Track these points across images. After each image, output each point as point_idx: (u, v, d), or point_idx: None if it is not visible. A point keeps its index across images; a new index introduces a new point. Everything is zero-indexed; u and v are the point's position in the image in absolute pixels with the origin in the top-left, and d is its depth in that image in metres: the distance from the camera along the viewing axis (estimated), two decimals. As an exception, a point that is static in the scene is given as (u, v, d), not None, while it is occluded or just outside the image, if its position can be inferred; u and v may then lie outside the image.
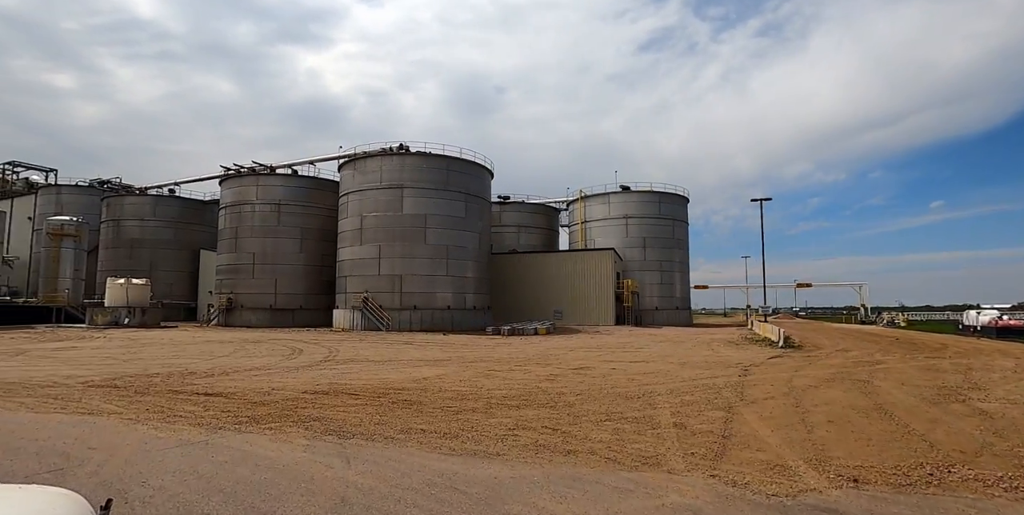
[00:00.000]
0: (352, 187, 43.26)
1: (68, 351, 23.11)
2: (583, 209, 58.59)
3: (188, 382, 14.31)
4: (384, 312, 39.51)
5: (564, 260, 50.83)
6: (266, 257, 47.37)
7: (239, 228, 48.38)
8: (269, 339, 30.65)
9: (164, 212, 59.61)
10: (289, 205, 48.05)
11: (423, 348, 25.61)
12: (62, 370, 16.81)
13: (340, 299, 43.63)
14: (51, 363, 18.70)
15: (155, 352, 22.86)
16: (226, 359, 20.28)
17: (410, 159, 41.85)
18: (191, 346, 25.92)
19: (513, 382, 14.22)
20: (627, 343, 29.20)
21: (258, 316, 46.49)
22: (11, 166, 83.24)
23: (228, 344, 26.96)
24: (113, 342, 28.17)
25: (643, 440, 7.92)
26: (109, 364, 18.48)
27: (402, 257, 40.54)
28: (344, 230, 43.73)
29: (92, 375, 15.71)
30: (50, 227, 49.73)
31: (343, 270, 43.41)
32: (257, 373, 16.25)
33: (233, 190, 49.75)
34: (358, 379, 14.81)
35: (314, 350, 24.04)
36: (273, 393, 12.45)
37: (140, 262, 57.44)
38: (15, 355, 21.20)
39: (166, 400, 11.59)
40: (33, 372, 16.29)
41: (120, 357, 20.71)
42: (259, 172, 49.49)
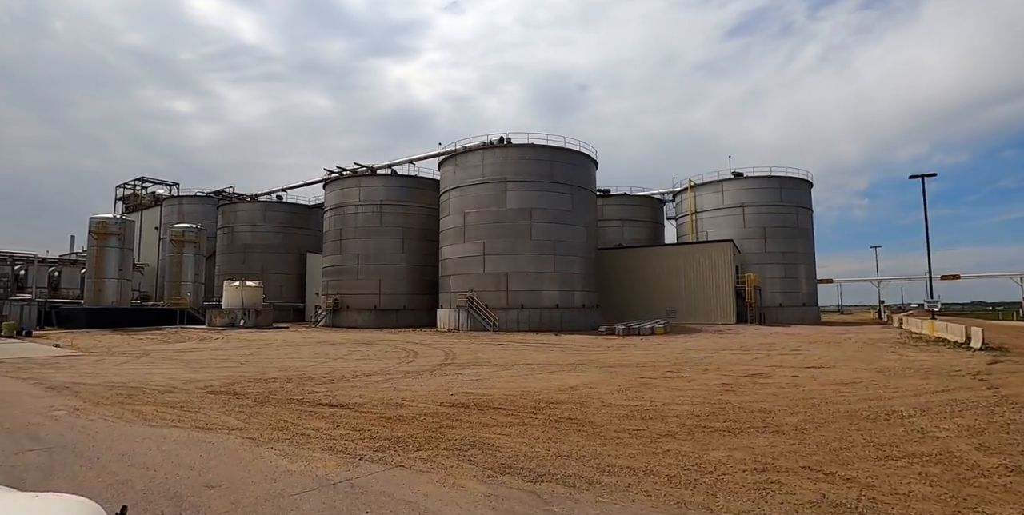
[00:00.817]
0: (453, 183, 42.05)
1: (189, 353, 22.92)
2: (692, 199, 54.42)
3: (308, 389, 12.84)
4: (490, 312, 37.86)
5: (676, 254, 47.15)
6: (369, 258, 47.28)
7: (343, 230, 48.66)
8: (378, 340, 29.69)
9: (273, 217, 61.65)
10: (390, 205, 47.72)
11: (543, 350, 23.43)
12: (182, 374, 16.03)
13: (443, 299, 42.54)
14: (172, 366, 18.16)
15: (270, 354, 22.16)
16: (341, 362, 19.03)
17: (513, 151, 40.00)
18: (304, 347, 25.22)
19: (683, 393, 11.61)
20: (771, 344, 25.58)
21: (363, 316, 46.43)
22: (141, 182, 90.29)
23: (340, 346, 26.08)
24: (230, 343, 28.18)
25: (989, 496, 5.11)
26: (227, 367, 17.65)
27: (507, 254, 38.73)
28: (446, 228, 42.62)
29: (211, 379, 14.71)
30: (172, 234, 52.46)
31: (446, 269, 42.29)
32: (378, 379, 14.63)
33: (336, 193, 50.18)
34: (495, 388, 12.75)
35: (428, 352, 22.49)
36: (405, 405, 10.59)
37: (252, 266, 59.62)
38: (140, 357, 21.10)
39: (289, 413, 10.00)
40: (155, 376, 15.58)
41: (238, 359, 20.02)
42: (360, 174, 49.61)
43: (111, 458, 7.05)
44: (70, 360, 20.03)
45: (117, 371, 16.74)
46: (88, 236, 46.18)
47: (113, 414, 10.17)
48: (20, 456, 7.36)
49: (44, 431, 8.84)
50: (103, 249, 45.52)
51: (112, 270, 45.92)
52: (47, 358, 20.65)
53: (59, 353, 22.82)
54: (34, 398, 12.20)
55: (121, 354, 22.28)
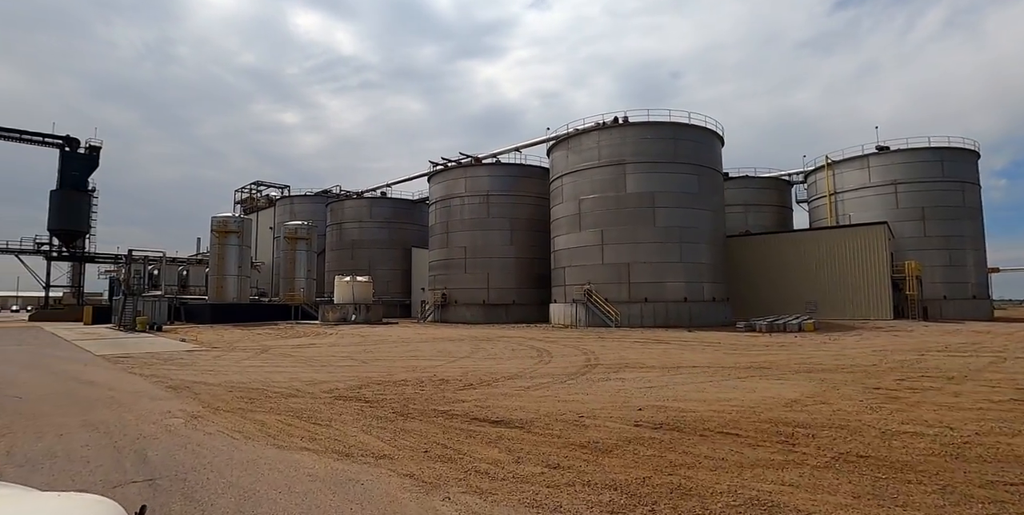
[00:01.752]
0: (565, 168, 39.37)
1: (306, 349, 21.83)
2: (830, 178, 48.29)
3: (451, 397, 10.65)
4: (610, 306, 34.87)
5: (816, 240, 41.72)
6: (476, 251, 45.68)
7: (449, 222, 47.42)
8: (497, 336, 27.60)
9: (378, 213, 61.93)
10: (497, 195, 45.85)
11: (691, 349, 20.21)
12: (304, 373, 14.48)
13: (556, 292, 40.04)
14: (292, 363, 16.80)
15: (390, 351, 20.53)
16: (469, 361, 16.91)
17: (631, 130, 36.65)
18: (422, 344, 23.53)
19: (973, 413, 8.21)
20: (977, 344, 20.82)
21: (472, 312, 44.93)
22: (256, 185, 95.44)
23: (459, 342, 24.18)
24: (345, 339, 27.17)
25: None
26: (349, 365, 16.00)
27: (627, 242, 35.52)
28: (559, 217, 40.06)
29: (335, 381, 12.96)
30: (286, 231, 53.69)
31: (559, 260, 39.74)
32: (526, 385, 12.22)
33: (441, 185, 49.07)
34: (686, 400, 9.92)
35: (561, 350, 19.95)
36: (588, 425, 8.03)
37: (360, 262, 60.15)
38: (260, 353, 20.13)
39: (441, 431, 7.73)
40: (275, 375, 14.10)
41: (358, 357, 18.47)
42: (465, 164, 48.16)
43: (228, 505, 4.96)
44: (193, 356, 19.37)
45: (238, 369, 15.53)
46: (210, 235, 47.99)
47: (233, 425, 8.37)
48: (120, 489, 5.48)
49: (154, 449, 7.08)
50: (224, 247, 47.08)
51: (232, 267, 47.41)
52: (172, 354, 20.17)
53: (183, 348, 22.51)
54: (152, 400, 10.84)
55: (241, 350, 21.55)
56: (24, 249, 66.32)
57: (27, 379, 13.82)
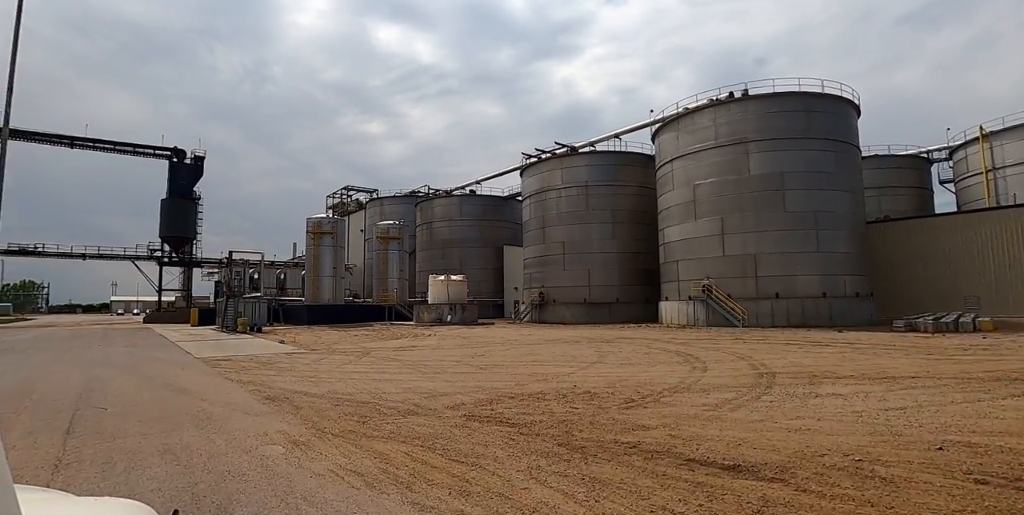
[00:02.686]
0: (675, 152, 35.79)
1: (409, 352, 19.89)
2: (986, 152, 41.62)
3: (621, 418, 8.01)
4: (734, 303, 31.01)
5: (978, 225, 35.56)
6: (575, 246, 42.88)
7: (544, 217, 44.94)
8: (615, 338, 24.69)
9: (468, 211, 60.49)
10: (596, 186, 42.82)
11: (872, 354, 16.46)
12: (417, 381, 12.30)
13: (667, 289, 36.53)
14: (400, 369, 14.73)
15: (503, 355, 18.15)
16: (604, 368, 14.21)
17: (753, 104, 32.53)
18: (536, 347, 21.03)
19: None
20: None
21: (571, 311, 42.17)
22: (346, 190, 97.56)
23: (576, 344, 21.50)
24: (447, 340, 25.19)
25: None
26: (466, 372, 13.70)
27: (753, 231, 31.49)
28: (669, 206, 36.52)
29: (457, 392, 10.65)
30: (378, 231, 53.23)
31: (670, 254, 36.20)
32: (708, 400, 9.38)
33: (536, 178, 46.68)
34: (1003, 435, 6.68)
35: (709, 355, 16.80)
36: (891, 478, 5.08)
37: (451, 261, 58.94)
38: (362, 356, 18.35)
39: (657, 484, 5.06)
40: (385, 384, 12.00)
41: (470, 361, 16.21)
42: (560, 155, 45.49)
43: None
44: (292, 359, 17.86)
45: (340, 375, 13.62)
46: (306, 237, 48.13)
47: (347, 461, 6.10)
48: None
49: (243, 501, 4.87)
50: (319, 248, 47.01)
51: (327, 268, 47.26)
52: (270, 357, 18.80)
53: (282, 350, 21.24)
54: (247, 415, 8.91)
55: (341, 352, 19.93)
56: (139, 255, 70.44)
57: (120, 385, 12.50)
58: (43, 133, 64.68)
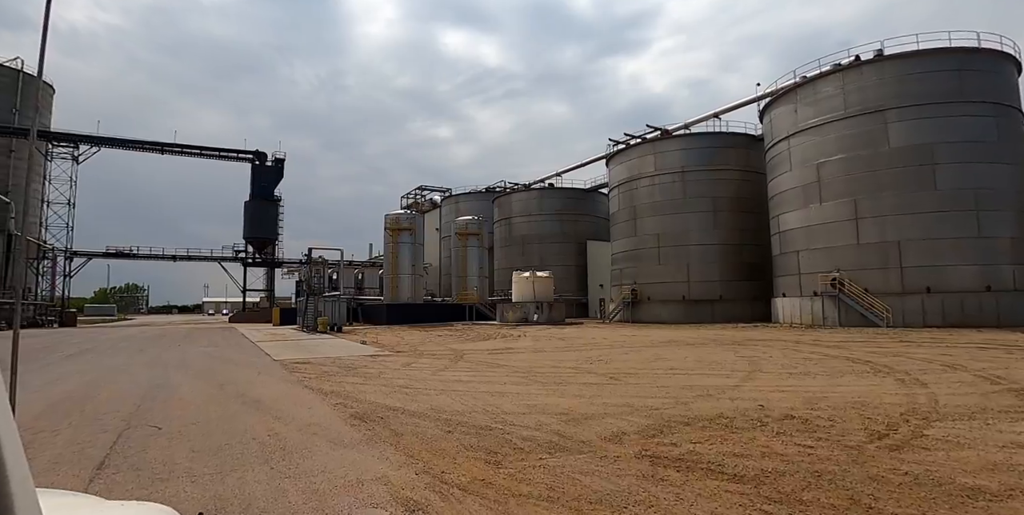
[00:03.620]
0: (792, 128, 31.62)
1: (508, 355, 17.34)
2: None
3: (912, 469, 4.97)
4: (874, 299, 26.65)
5: None
6: (671, 238, 39.26)
7: (636, 207, 41.54)
8: (745, 339, 21.21)
9: (548, 205, 57.77)
10: (694, 171, 39.05)
11: None
12: (539, 395, 9.65)
13: (784, 283, 32.41)
14: (507, 376, 12.14)
15: (624, 359, 15.26)
16: (771, 379, 11.13)
17: (892, 66, 27.98)
18: (656, 350, 17.97)
19: None
20: None
21: (669, 310, 38.59)
22: (420, 190, 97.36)
23: (703, 347, 18.31)
24: (544, 342, 22.52)
25: None
26: (593, 382, 10.94)
27: (894, 214, 27.02)
28: (783, 189, 32.40)
29: (602, 413, 7.93)
30: (457, 228, 51.45)
31: (788, 243, 32.06)
32: (1014, 436, 6.11)
33: (624, 165, 43.36)
34: None
35: (902, 364, 13.24)
36: None
37: (530, 258, 56.45)
38: (455, 360, 15.93)
39: None
40: (498, 398, 9.40)
41: (590, 368, 13.44)
42: (651, 139, 41.97)
43: None
44: (378, 362, 15.67)
45: (440, 385, 11.17)
46: (384, 233, 46.92)
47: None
48: None
49: None
50: (397, 245, 45.65)
51: (406, 266, 45.82)
52: (354, 359, 16.74)
53: (365, 352, 19.22)
54: (332, 446, 6.51)
55: (431, 355, 17.64)
56: (225, 257, 72.35)
57: (187, 393, 10.56)
58: (136, 140, 67.29)
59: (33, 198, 62.47)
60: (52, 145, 64.53)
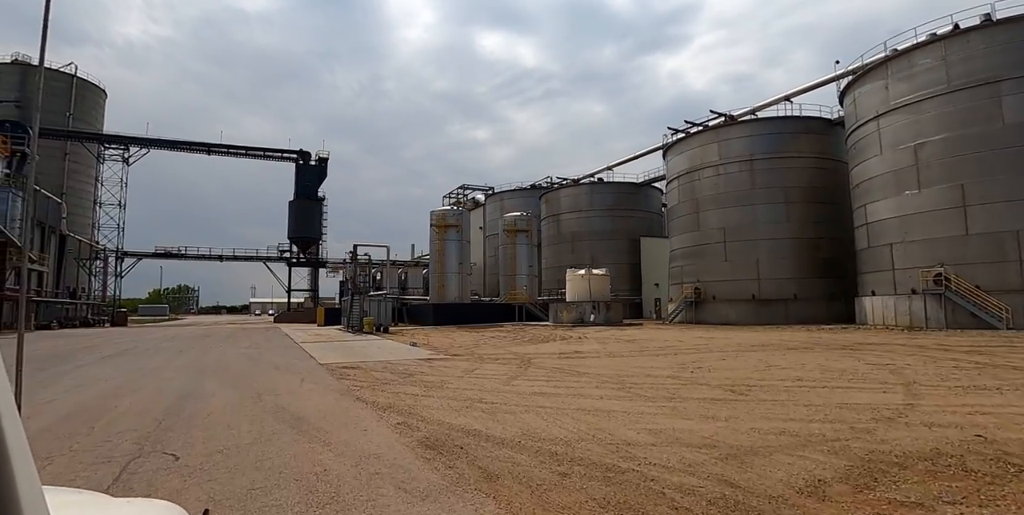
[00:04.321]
0: (883, 106, 28.52)
1: (582, 360, 15.28)
2: None
3: None
4: (986, 297, 23.46)
5: None
6: (738, 232, 36.42)
7: (698, 200, 38.82)
8: (854, 343, 18.57)
9: (599, 200, 55.27)
10: (763, 160, 36.11)
11: None
12: (658, 417, 7.55)
13: (873, 280, 29.35)
14: (598, 388, 10.07)
15: (728, 367, 12.98)
16: (950, 397, 8.73)
17: (1005, 32, 24.63)
18: (752, 354, 15.60)
19: None
20: None
21: (737, 310, 35.76)
22: (462, 189, 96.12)
23: (807, 353, 15.84)
24: (613, 345, 20.35)
25: None
26: (715, 398, 8.76)
27: (1011, 200, 23.72)
28: (871, 175, 29.32)
29: (762, 445, 5.78)
30: (505, 225, 49.54)
31: (877, 236, 29.00)
32: None
33: (684, 156, 40.67)
34: None
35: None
36: None
37: (580, 256, 54.07)
38: (524, 366, 13.93)
39: None
40: (608, 422, 7.32)
41: (693, 378, 11.25)
42: (714, 127, 39.18)
43: None
44: (435, 368, 13.80)
45: (518, 397, 9.19)
46: (430, 230, 45.37)
47: None
48: None
49: None
50: (443, 242, 44.02)
51: (453, 264, 44.17)
52: (408, 364, 14.93)
53: (419, 356, 17.42)
54: (405, 496, 4.60)
55: (492, 359, 15.70)
56: (270, 257, 72.43)
57: (218, 406, 8.86)
58: (183, 141, 67.89)
59: (85, 200, 63.63)
60: (104, 147, 65.65)
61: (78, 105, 64.54)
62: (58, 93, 63.00)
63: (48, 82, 62.74)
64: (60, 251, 49.87)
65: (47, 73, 63.91)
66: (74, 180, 62.34)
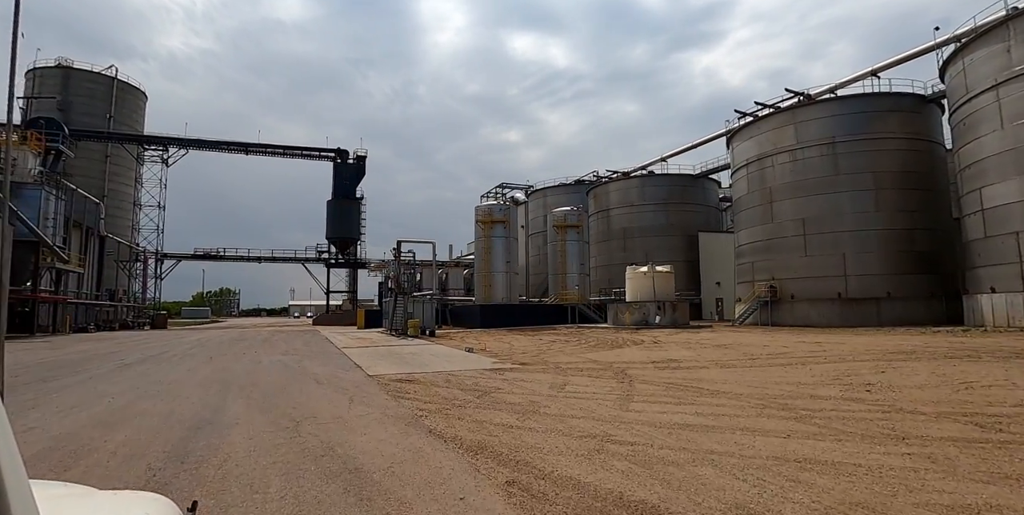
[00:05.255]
0: (1002, 74, 24.71)
1: (684, 371, 12.46)
2: None
3: None
4: None
5: None
6: (820, 223, 32.84)
7: (771, 189, 35.33)
8: (1013, 352, 15.19)
9: (652, 193, 52.00)
10: (848, 142, 32.45)
11: None
12: (922, 477, 4.66)
13: (991, 275, 25.68)
14: (770, 421, 7.26)
15: (914, 384, 9.96)
16: None
17: None
18: (904, 367, 12.48)
19: None
20: None
21: (820, 310, 32.21)
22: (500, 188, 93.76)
23: (977, 363, 12.64)
24: (702, 352, 17.40)
25: None
26: (967, 442, 5.83)
27: None
28: (986, 155, 25.61)
29: None
30: (554, 220, 46.68)
31: (996, 224, 25.30)
32: None
33: (753, 141, 37.22)
34: None
35: None
36: None
37: (633, 254, 50.94)
38: (622, 380, 11.18)
39: None
40: (858, 490, 4.47)
41: (880, 399, 8.33)
42: (788, 107, 35.64)
43: None
44: (512, 382, 11.17)
45: (663, 435, 6.45)
46: (475, 227, 42.95)
47: None
48: None
49: None
50: (490, 239, 41.53)
51: (499, 262, 41.64)
52: (475, 375, 12.34)
53: (482, 365, 14.83)
54: None
55: (575, 371, 13.00)
56: (308, 257, 71.32)
57: (240, 444, 6.38)
58: (222, 141, 67.21)
59: (125, 202, 63.40)
60: (143, 148, 65.41)
61: (118, 107, 64.33)
62: (98, 96, 63.01)
63: (88, 85, 62.96)
64: (100, 253, 49.20)
65: (88, 76, 64.16)
66: (115, 183, 62.16)
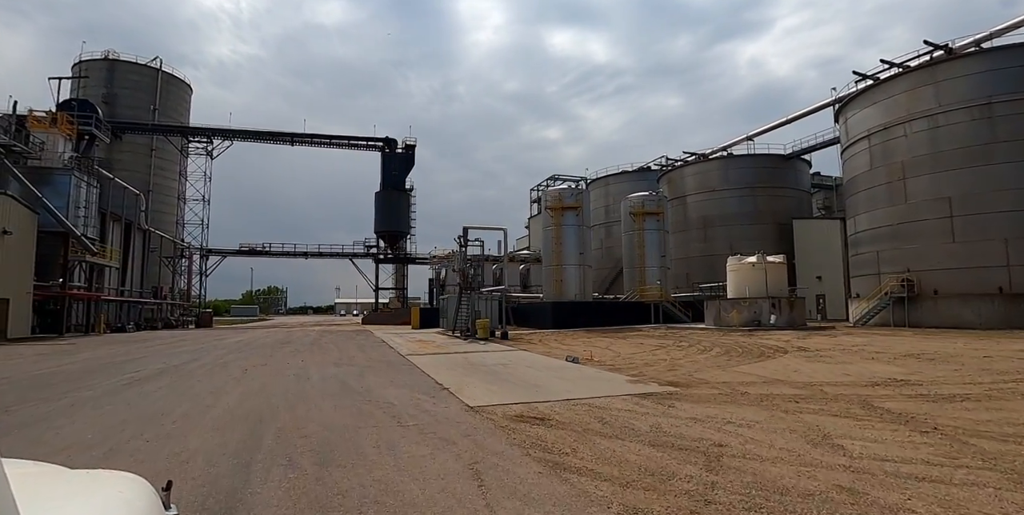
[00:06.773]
0: None
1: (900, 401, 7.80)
2: None
3: None
4: None
5: None
6: (970, 202, 27.29)
7: (903, 164, 29.82)
8: None
9: (736, 177, 46.62)
10: (1007, 102, 26.76)
11: None
12: None
13: None
14: None
15: None
16: None
17: None
18: None
19: None
20: None
21: (975, 308, 26.69)
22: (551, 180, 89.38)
23: None
24: (883, 364, 12.70)
25: None
26: None
27: None
28: None
29: None
30: (631, 206, 41.90)
31: None
32: None
33: (877, 107, 31.69)
34: None
35: None
36: None
37: (714, 244, 45.86)
38: (853, 416, 6.64)
39: None
40: None
41: None
42: (926, 64, 30.00)
43: None
44: (703, 422, 6.84)
45: None
46: (543, 214, 38.69)
47: None
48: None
49: None
50: (560, 228, 37.21)
51: (571, 255, 37.29)
52: (631, 408, 8.06)
53: (618, 386, 10.56)
54: None
55: (783, 400, 8.58)
56: (356, 253, 68.56)
57: None
58: (267, 132, 65.18)
59: (169, 196, 61.80)
60: (188, 140, 63.72)
61: (163, 100, 62.75)
62: (143, 88, 61.57)
63: (133, 77, 61.71)
64: (144, 248, 47.14)
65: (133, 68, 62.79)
66: (160, 177, 60.65)
